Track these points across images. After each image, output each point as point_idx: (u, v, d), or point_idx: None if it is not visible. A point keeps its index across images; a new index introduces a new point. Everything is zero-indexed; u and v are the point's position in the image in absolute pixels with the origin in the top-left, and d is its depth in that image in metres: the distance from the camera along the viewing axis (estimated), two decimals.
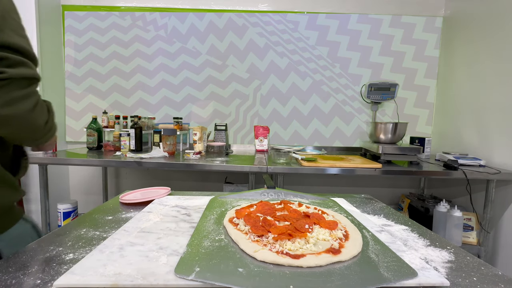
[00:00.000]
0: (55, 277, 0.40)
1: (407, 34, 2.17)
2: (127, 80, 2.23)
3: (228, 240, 0.52)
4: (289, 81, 2.23)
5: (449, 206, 1.63)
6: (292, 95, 2.24)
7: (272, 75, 2.23)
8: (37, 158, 1.62)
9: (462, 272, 0.46)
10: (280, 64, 2.22)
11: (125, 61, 2.22)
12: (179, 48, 2.22)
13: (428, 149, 1.95)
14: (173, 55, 2.22)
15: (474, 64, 1.86)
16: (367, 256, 0.47)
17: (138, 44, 2.21)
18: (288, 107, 2.25)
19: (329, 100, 2.24)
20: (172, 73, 2.23)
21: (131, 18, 2.19)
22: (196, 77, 2.24)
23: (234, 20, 2.17)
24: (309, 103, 2.24)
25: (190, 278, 0.39)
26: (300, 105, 2.25)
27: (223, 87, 2.24)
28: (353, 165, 1.53)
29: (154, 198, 0.80)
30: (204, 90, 2.24)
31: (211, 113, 2.26)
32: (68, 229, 0.59)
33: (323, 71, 2.22)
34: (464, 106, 1.94)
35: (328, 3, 2.19)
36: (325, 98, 2.24)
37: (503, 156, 1.61)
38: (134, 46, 2.21)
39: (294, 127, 2.27)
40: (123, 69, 2.23)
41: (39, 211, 1.74)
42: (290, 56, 2.21)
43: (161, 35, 2.20)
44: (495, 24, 1.71)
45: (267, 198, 0.83)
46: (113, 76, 2.23)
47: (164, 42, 2.21)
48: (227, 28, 2.18)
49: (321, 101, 2.24)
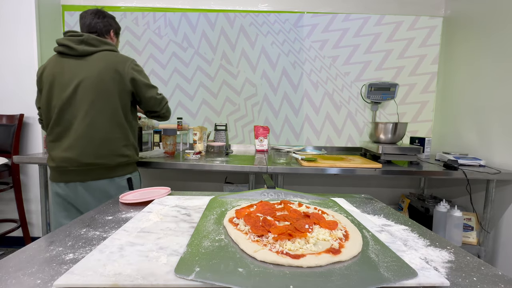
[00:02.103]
0: (55, 277, 0.40)
1: (407, 34, 2.17)
2: None
3: (228, 240, 0.52)
4: (290, 80, 2.23)
5: (449, 206, 1.63)
6: (292, 95, 2.24)
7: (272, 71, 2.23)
8: (37, 158, 1.62)
9: (462, 272, 0.46)
10: (284, 62, 2.22)
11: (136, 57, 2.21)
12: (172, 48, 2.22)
13: (428, 149, 1.95)
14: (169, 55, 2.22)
15: (474, 64, 1.86)
16: (367, 256, 0.47)
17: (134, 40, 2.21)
18: (288, 107, 2.25)
19: (329, 100, 2.24)
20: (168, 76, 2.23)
21: (130, 18, 2.19)
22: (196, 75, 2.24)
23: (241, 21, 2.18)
24: (309, 103, 2.24)
25: (190, 278, 0.39)
26: (301, 105, 2.25)
27: (214, 91, 2.24)
28: (353, 165, 1.53)
29: (154, 198, 0.80)
30: (197, 92, 2.25)
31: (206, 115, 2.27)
32: (68, 229, 0.59)
33: (325, 71, 2.21)
34: (464, 106, 1.93)
35: (328, 3, 2.18)
36: (325, 98, 2.24)
37: (503, 156, 1.61)
38: (145, 40, 2.20)
39: (294, 127, 2.27)
40: None
41: (39, 211, 1.75)
42: (295, 55, 2.21)
43: (155, 34, 2.20)
44: (495, 24, 1.71)
45: (267, 198, 0.83)
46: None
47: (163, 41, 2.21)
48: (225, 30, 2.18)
49: (321, 101, 2.24)
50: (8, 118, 1.94)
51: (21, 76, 1.97)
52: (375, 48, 2.19)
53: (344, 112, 2.25)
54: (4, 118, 1.94)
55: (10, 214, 2.07)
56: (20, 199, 1.95)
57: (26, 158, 1.62)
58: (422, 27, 2.16)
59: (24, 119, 1.95)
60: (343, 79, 2.22)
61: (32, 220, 2.10)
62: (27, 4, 1.92)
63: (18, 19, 1.94)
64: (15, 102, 1.98)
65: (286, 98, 2.25)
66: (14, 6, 1.93)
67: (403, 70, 2.19)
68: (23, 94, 1.98)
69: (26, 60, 1.96)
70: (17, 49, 1.96)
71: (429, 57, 2.18)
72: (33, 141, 2.02)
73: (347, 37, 2.19)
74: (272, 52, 2.21)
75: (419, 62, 2.18)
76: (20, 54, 1.96)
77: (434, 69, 2.18)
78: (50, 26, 2.09)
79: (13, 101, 1.98)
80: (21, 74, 1.97)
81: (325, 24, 2.18)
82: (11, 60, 1.96)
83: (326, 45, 2.20)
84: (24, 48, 1.95)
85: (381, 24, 2.17)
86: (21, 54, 1.96)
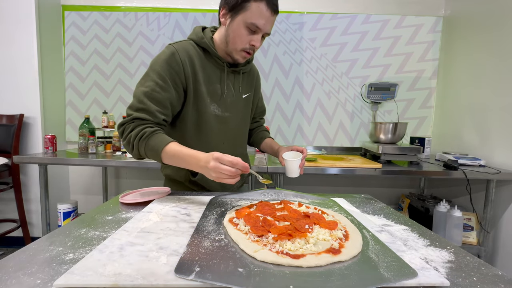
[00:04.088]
0: (55, 277, 0.40)
1: (406, 34, 2.17)
2: (131, 78, 2.23)
3: (228, 240, 0.52)
4: (291, 80, 2.23)
5: (449, 206, 1.63)
6: (295, 94, 2.24)
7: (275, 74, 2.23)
8: (37, 158, 1.62)
9: (462, 272, 0.46)
10: (284, 62, 2.21)
11: (129, 59, 2.21)
12: None
13: (428, 149, 1.95)
14: None
15: (474, 64, 1.86)
16: (367, 256, 0.47)
17: (143, 40, 2.20)
18: (291, 105, 2.25)
19: (329, 101, 2.24)
20: None
21: (131, 18, 2.19)
22: None
23: None
24: (310, 103, 2.24)
25: (190, 278, 0.39)
26: (300, 105, 2.25)
27: None
28: (353, 165, 1.53)
29: (154, 198, 0.80)
30: None
31: None
32: (68, 229, 0.59)
33: (325, 70, 2.21)
34: (464, 106, 1.93)
35: (328, 3, 2.19)
36: (325, 98, 2.24)
37: (503, 156, 1.61)
38: (137, 43, 2.20)
39: (294, 127, 2.26)
40: (127, 67, 2.22)
41: (39, 211, 1.75)
42: (292, 56, 2.21)
43: (162, 35, 2.20)
44: (495, 24, 1.71)
45: (267, 198, 0.83)
46: (116, 72, 2.22)
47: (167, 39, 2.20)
48: None
49: (321, 101, 2.24)
50: (8, 118, 1.94)
51: (21, 76, 1.97)
52: (363, 46, 2.19)
53: (344, 112, 2.25)
54: (4, 118, 1.94)
55: (10, 214, 2.07)
56: (20, 199, 1.95)
57: (26, 158, 1.62)
58: (422, 27, 2.16)
59: (24, 119, 1.95)
60: (342, 79, 2.22)
61: (32, 220, 2.10)
62: (27, 4, 1.92)
63: (18, 19, 1.94)
64: (15, 102, 1.98)
65: (287, 97, 2.25)
66: (14, 6, 1.93)
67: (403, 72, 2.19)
68: (23, 94, 1.98)
69: (26, 60, 1.96)
70: (17, 49, 1.96)
71: (430, 56, 2.18)
72: (33, 141, 2.02)
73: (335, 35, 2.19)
74: (269, 46, 2.21)
75: (419, 62, 2.18)
76: (20, 54, 1.96)
77: (435, 70, 2.18)
78: (50, 26, 2.09)
79: (13, 101, 1.98)
80: (21, 74, 1.97)
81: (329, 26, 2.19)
82: (11, 60, 1.96)
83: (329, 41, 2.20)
84: (24, 48, 1.95)
85: (368, 22, 2.17)
86: (21, 54, 1.96)
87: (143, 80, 0.81)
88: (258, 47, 0.84)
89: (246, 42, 0.81)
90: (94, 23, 2.19)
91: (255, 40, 0.80)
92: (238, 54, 0.84)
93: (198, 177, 0.91)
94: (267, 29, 0.80)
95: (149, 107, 0.77)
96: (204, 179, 0.91)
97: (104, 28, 2.19)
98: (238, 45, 0.82)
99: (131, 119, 0.77)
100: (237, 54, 0.84)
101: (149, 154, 0.77)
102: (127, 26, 2.19)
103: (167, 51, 0.82)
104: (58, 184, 2.19)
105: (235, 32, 0.80)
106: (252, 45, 0.82)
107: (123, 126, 0.79)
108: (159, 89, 0.78)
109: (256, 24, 0.77)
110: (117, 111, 2.24)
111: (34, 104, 1.99)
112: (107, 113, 2.10)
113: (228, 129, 0.88)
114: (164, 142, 0.74)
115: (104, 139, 1.90)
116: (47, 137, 1.76)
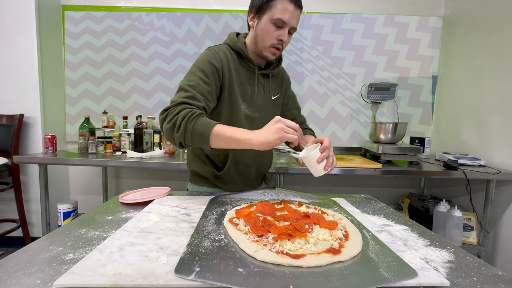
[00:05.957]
0: (55, 277, 0.40)
1: (407, 34, 2.17)
2: (122, 83, 2.22)
3: (228, 240, 0.52)
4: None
5: (449, 206, 1.63)
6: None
7: None
8: (37, 158, 1.62)
9: (462, 272, 0.46)
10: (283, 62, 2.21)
11: (121, 64, 2.21)
12: (175, 51, 2.21)
13: (428, 149, 1.95)
14: (169, 58, 2.21)
15: (474, 64, 1.86)
16: (367, 256, 0.47)
17: (134, 47, 2.20)
18: None
19: (329, 100, 2.24)
20: (168, 76, 2.22)
21: (129, 19, 2.18)
22: None
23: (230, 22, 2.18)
24: (309, 103, 2.24)
25: (190, 278, 0.39)
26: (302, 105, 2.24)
27: None
28: (353, 165, 1.53)
29: (154, 198, 0.80)
30: None
31: None
32: (68, 229, 0.59)
33: (322, 71, 2.21)
34: (464, 106, 1.93)
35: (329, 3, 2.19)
36: (325, 98, 2.24)
37: (503, 156, 1.61)
38: (130, 49, 2.20)
39: None
40: (118, 72, 2.21)
41: (39, 211, 1.74)
42: (288, 57, 2.21)
43: (158, 37, 2.20)
44: (495, 24, 1.71)
45: (267, 198, 0.83)
46: (108, 79, 2.21)
47: (160, 45, 2.20)
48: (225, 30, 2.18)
49: (321, 101, 2.24)
50: (8, 118, 1.94)
51: (21, 76, 1.97)
52: (363, 46, 2.19)
53: (344, 112, 2.25)
54: (4, 118, 1.94)
55: (10, 214, 2.07)
56: (20, 199, 1.95)
57: (26, 158, 1.62)
58: (422, 27, 2.16)
59: (24, 119, 1.95)
60: (341, 78, 2.22)
61: (32, 220, 2.10)
62: (27, 4, 1.92)
63: (18, 19, 1.94)
64: (15, 102, 1.98)
65: None
66: (14, 6, 1.92)
67: (397, 69, 2.19)
68: (23, 94, 1.98)
69: (26, 60, 1.96)
70: (17, 49, 1.96)
71: (429, 57, 2.18)
72: (33, 141, 2.02)
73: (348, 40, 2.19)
74: None
75: (419, 62, 2.18)
76: (20, 54, 1.96)
77: (429, 67, 2.18)
78: (50, 26, 2.09)
79: (13, 101, 1.98)
80: (21, 74, 1.97)
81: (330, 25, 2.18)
82: (11, 60, 1.96)
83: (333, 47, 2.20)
84: (24, 48, 1.95)
85: (368, 22, 2.17)
86: (21, 54, 1.96)
87: (187, 77, 0.85)
88: (286, 42, 0.87)
89: (274, 38, 0.84)
90: (94, 23, 2.19)
91: (283, 34, 0.84)
92: (268, 50, 0.87)
93: (223, 172, 0.95)
94: (292, 23, 0.83)
95: (195, 95, 0.80)
96: (228, 173, 0.95)
97: (104, 28, 2.19)
98: (266, 42, 0.86)
99: (177, 103, 0.77)
100: (267, 51, 0.88)
101: (196, 134, 0.73)
102: (127, 26, 2.19)
103: (209, 52, 0.88)
104: (58, 184, 2.19)
105: (263, 30, 0.85)
106: (280, 40, 0.85)
107: (167, 111, 0.78)
108: (203, 84, 0.82)
109: (282, 18, 0.81)
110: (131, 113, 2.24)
111: (34, 104, 1.99)
112: (107, 113, 2.10)
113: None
114: (213, 122, 0.74)
115: (104, 139, 1.90)
116: (47, 137, 1.76)
